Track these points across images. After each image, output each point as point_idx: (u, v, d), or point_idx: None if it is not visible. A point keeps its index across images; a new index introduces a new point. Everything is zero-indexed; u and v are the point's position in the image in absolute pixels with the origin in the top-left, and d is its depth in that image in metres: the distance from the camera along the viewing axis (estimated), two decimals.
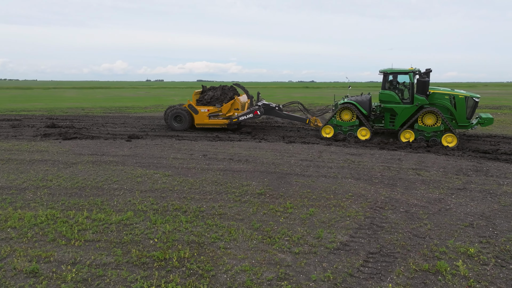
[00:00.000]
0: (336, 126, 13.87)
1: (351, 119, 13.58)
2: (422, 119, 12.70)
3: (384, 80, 13.20)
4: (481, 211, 6.39)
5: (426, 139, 12.69)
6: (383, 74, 13.17)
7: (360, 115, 13.31)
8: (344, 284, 4.27)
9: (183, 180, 8.24)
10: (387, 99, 13.08)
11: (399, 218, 6.11)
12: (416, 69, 13.03)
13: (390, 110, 13.17)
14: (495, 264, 4.64)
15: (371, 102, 13.85)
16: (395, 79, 13.26)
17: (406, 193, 7.35)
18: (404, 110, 12.89)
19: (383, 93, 13.13)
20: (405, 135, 12.95)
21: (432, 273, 4.45)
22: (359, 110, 13.44)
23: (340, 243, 5.23)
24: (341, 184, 7.92)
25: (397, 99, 12.94)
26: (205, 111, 15.18)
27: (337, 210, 6.43)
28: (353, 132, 13.61)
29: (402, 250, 5.03)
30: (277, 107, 15.38)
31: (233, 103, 15.06)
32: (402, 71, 12.98)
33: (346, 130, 13.70)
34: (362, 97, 13.87)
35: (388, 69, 13.13)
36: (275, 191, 7.48)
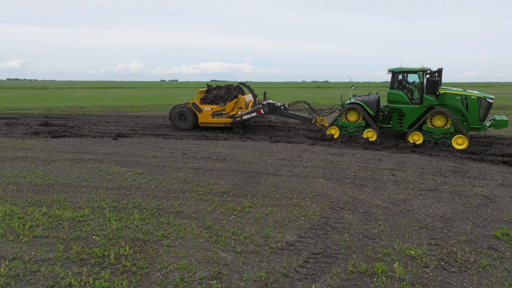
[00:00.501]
0: (342, 127, 13.50)
1: (357, 120, 13.21)
2: (431, 120, 12.22)
3: (393, 79, 12.77)
4: (443, 213, 6.22)
5: (435, 141, 12.21)
6: (391, 73, 12.74)
7: (367, 116, 12.89)
8: (275, 284, 4.20)
9: (153, 178, 8.26)
10: (395, 99, 12.63)
11: (355, 218, 6.00)
12: (426, 68, 12.54)
13: (398, 110, 12.75)
14: (436, 267, 4.51)
15: (379, 102, 13.42)
16: (405, 79, 12.83)
17: (372, 194, 7.22)
18: (412, 110, 12.44)
19: (391, 92, 12.69)
20: (413, 137, 12.48)
21: (368, 275, 4.35)
22: (366, 110, 13.04)
23: (286, 243, 5.15)
24: (309, 184, 7.82)
25: (405, 99, 12.49)
26: (208, 109, 14.99)
27: (295, 210, 6.35)
28: (359, 134, 13.23)
29: (346, 251, 4.93)
30: (282, 107, 15.16)
31: (236, 102, 14.85)
32: (410, 70, 12.51)
33: (352, 131, 13.32)
34: (370, 97, 13.45)
35: (396, 68, 12.67)
36: (240, 190, 7.43)
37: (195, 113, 15.21)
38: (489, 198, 7.00)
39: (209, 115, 15.01)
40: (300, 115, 15.23)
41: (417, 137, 12.41)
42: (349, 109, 13.25)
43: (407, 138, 12.51)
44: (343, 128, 13.49)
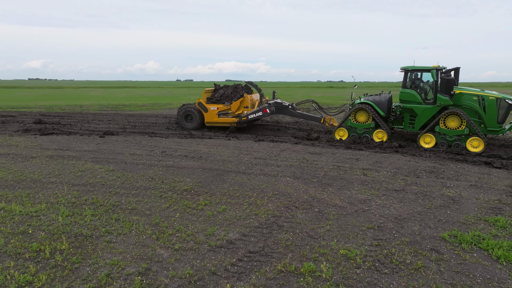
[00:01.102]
0: (351, 128, 12.94)
1: (367, 120, 12.68)
2: (444, 121, 11.55)
3: (405, 78, 12.14)
4: (399, 214, 6.09)
5: (449, 143, 11.51)
6: (404, 72, 12.15)
7: (377, 116, 12.33)
8: (199, 282, 4.17)
9: (122, 175, 8.32)
10: (408, 98, 12.04)
11: (306, 218, 5.92)
12: (441, 66, 11.88)
13: (410, 110, 12.15)
14: (369, 268, 4.41)
15: (390, 102, 12.85)
16: (418, 78, 12.29)
17: (335, 193, 7.11)
18: (425, 111, 11.82)
19: (403, 92, 12.10)
20: (425, 139, 11.84)
21: (296, 275, 4.28)
22: (376, 111, 12.46)
23: (226, 241, 5.12)
24: (274, 183, 7.75)
25: (418, 99, 11.87)
26: (214, 109, 14.80)
27: (249, 209, 6.30)
28: (368, 135, 12.68)
29: (284, 250, 4.87)
30: (290, 106, 14.80)
31: (242, 101, 14.57)
32: (424, 68, 11.90)
33: (361, 132, 12.78)
34: (381, 96, 12.86)
35: (409, 66, 12.05)
36: (202, 188, 7.42)
37: (202, 113, 15.03)
38: (454, 199, 6.81)
39: (215, 115, 14.81)
40: (309, 115, 14.83)
41: (429, 139, 11.80)
42: (358, 109, 12.71)
43: (418, 140, 11.94)
44: (352, 129, 12.94)
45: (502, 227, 5.56)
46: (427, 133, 11.79)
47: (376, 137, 12.58)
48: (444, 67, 12.09)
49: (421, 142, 11.88)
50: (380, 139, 12.44)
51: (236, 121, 14.62)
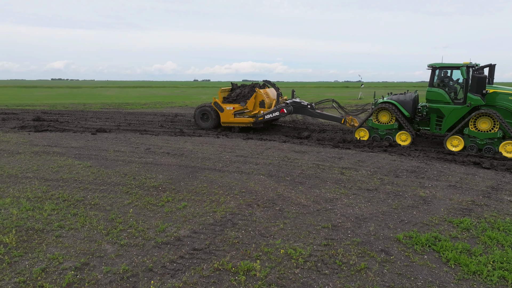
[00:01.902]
0: (372, 128, 12.27)
1: (390, 121, 11.90)
2: (474, 122, 10.65)
3: (432, 75, 11.30)
4: (361, 213, 5.89)
5: (479, 147, 10.63)
6: (431, 69, 11.31)
7: (401, 116, 11.53)
8: (132, 278, 4.10)
9: (97, 171, 8.35)
10: (435, 98, 11.21)
11: (264, 216, 5.79)
12: (473, 63, 10.99)
13: (437, 111, 11.32)
14: (309, 268, 4.26)
15: (416, 101, 12.03)
16: (447, 75, 11.48)
17: (303, 192, 6.95)
18: (453, 111, 10.96)
19: (430, 91, 11.29)
20: (452, 141, 11.02)
21: (231, 273, 4.17)
22: (400, 111, 11.68)
23: (174, 238, 5.04)
24: (245, 181, 7.64)
25: (446, 98, 11.03)
26: (230, 109, 14.30)
27: (209, 206, 6.21)
28: (391, 136, 11.98)
29: (229, 248, 4.76)
30: (309, 106, 14.25)
31: (256, 97, 14.01)
32: (453, 65, 11.05)
33: (383, 133, 12.09)
34: (406, 95, 12.02)
35: (437, 63, 11.25)
36: (172, 185, 7.36)
37: (218, 113, 14.63)
38: (426, 199, 6.57)
39: (231, 115, 14.33)
40: (329, 115, 14.21)
41: (457, 141, 10.95)
42: (380, 108, 11.95)
43: (445, 142, 11.13)
44: (374, 130, 12.26)
45: (465, 228, 5.31)
46: (455, 135, 10.97)
47: (400, 139, 11.82)
48: (477, 64, 11.20)
49: (448, 145, 11.08)
50: (404, 141, 11.70)
51: (252, 121, 14.10)
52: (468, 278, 4.05)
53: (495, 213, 5.93)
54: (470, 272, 4.13)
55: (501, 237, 4.96)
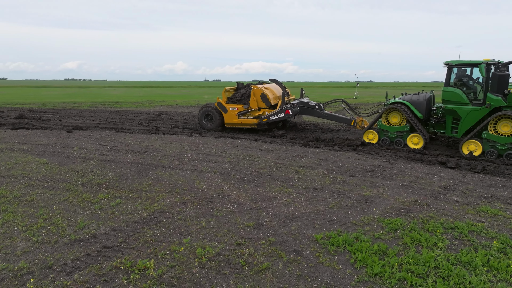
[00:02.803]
0: (382, 131, 11.41)
1: (400, 123, 11.04)
2: (494, 125, 9.62)
3: (448, 74, 10.29)
4: (294, 213, 5.74)
5: (500, 152, 9.54)
6: (447, 67, 10.34)
7: (413, 118, 10.65)
8: (26, 275, 4.02)
9: (51, 168, 8.31)
10: (451, 98, 10.18)
11: (192, 214, 5.67)
12: (494, 60, 9.98)
13: (452, 112, 10.29)
14: (211, 268, 4.13)
15: (430, 102, 11.17)
16: (466, 74, 10.49)
17: (247, 190, 6.81)
18: (470, 113, 9.94)
19: (446, 90, 10.25)
20: (469, 146, 9.97)
21: (127, 271, 4.06)
22: (412, 112, 10.79)
23: (90, 235, 4.95)
24: (193, 179, 7.53)
25: (464, 99, 9.98)
26: (234, 109, 13.62)
27: (143, 203, 6.12)
28: (402, 139, 11.04)
29: (140, 246, 4.65)
30: (317, 106, 13.36)
31: (254, 93, 13.32)
32: (471, 63, 10.06)
33: (393, 136, 11.17)
34: (419, 96, 11.11)
35: (454, 61, 10.27)
36: (118, 182, 7.28)
37: (221, 113, 13.91)
38: (368, 199, 6.38)
39: (234, 116, 13.66)
40: (338, 116, 13.22)
41: (474, 146, 9.87)
42: (391, 109, 11.11)
43: (461, 147, 10.08)
44: (383, 132, 11.39)
45: (393, 229, 5.13)
46: (472, 139, 9.91)
47: (411, 143, 10.89)
48: (499, 61, 10.20)
49: (464, 150, 10.05)
50: (416, 145, 10.79)
51: (256, 122, 13.42)
52: (367, 280, 3.88)
53: (432, 214, 5.72)
54: (372, 274, 3.96)
55: (423, 238, 4.77)
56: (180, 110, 21.86)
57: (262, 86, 13.82)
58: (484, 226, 5.23)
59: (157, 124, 15.73)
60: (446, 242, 4.74)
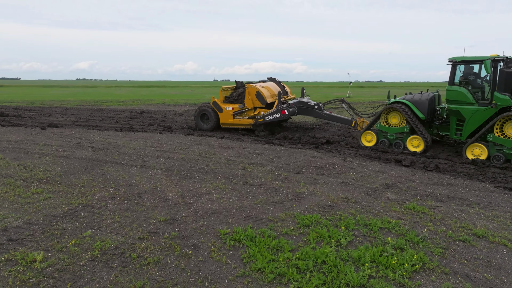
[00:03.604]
0: (381, 132, 10.76)
1: (400, 124, 10.38)
2: (501, 127, 8.80)
3: (452, 72, 9.53)
4: (216, 208, 5.73)
5: (507, 157, 8.71)
6: (451, 64, 9.58)
7: (413, 119, 9.95)
8: None
9: (3, 163, 8.40)
10: (455, 97, 9.41)
11: (113, 209, 5.69)
12: (502, 56, 9.14)
13: (456, 113, 9.54)
14: (101, 261, 4.14)
15: (433, 102, 10.49)
16: (472, 71, 9.68)
17: (183, 186, 6.82)
18: (475, 113, 9.16)
19: (450, 89, 9.49)
20: (473, 150, 9.17)
21: (16, 264, 4.09)
22: (413, 112, 10.09)
23: (1, 228, 4.99)
24: (136, 174, 7.56)
25: (468, 98, 9.19)
26: (229, 109, 13.15)
27: (71, 198, 6.15)
28: (401, 141, 10.36)
29: (44, 239, 4.68)
30: (316, 106, 12.74)
31: (249, 92, 12.87)
32: (476, 59, 9.23)
33: (392, 138, 10.51)
34: (422, 95, 10.43)
35: (458, 57, 9.49)
36: (60, 177, 7.34)
37: (217, 113, 13.43)
38: (299, 195, 6.35)
39: (230, 115, 13.18)
40: (338, 117, 12.61)
41: (479, 150, 9.08)
42: (390, 109, 10.46)
43: (465, 151, 9.29)
44: (382, 134, 10.73)
45: (305, 225, 5.10)
46: (476, 142, 9.15)
47: (411, 145, 10.19)
48: (507, 56, 9.28)
49: (468, 154, 9.25)
50: (416, 148, 10.09)
51: (252, 123, 12.93)
52: (248, 274, 3.86)
53: (355, 210, 5.67)
54: (255, 269, 3.94)
55: (327, 234, 4.73)
56: (164, 109, 21.95)
57: (257, 84, 13.41)
58: (398, 223, 5.17)
59: (134, 122, 15.82)
60: (350, 238, 4.69)
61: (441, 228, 5.06)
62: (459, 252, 4.43)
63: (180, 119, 16.99)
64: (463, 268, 4.05)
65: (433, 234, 4.89)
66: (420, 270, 3.98)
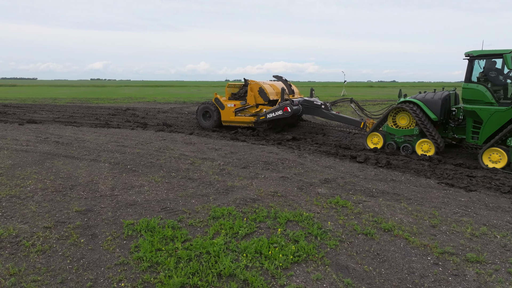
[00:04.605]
0: (388, 134, 9.85)
1: (409, 125, 9.46)
2: None
3: (469, 68, 8.51)
4: (138, 200, 5.79)
5: None
6: (468, 59, 8.55)
7: (423, 120, 9.02)
8: None
9: None
10: (471, 97, 8.43)
11: (37, 199, 5.78)
12: None
13: (472, 114, 8.55)
14: None
15: (448, 102, 9.46)
16: (494, 67, 8.58)
17: (120, 179, 6.88)
18: (494, 115, 8.14)
19: (466, 88, 8.51)
20: (491, 155, 8.14)
21: None
22: (424, 112, 9.15)
23: None
24: (82, 168, 7.66)
25: (487, 97, 8.20)
26: (231, 106, 12.66)
27: (4, 190, 6.26)
28: (410, 145, 9.46)
29: None
30: (323, 106, 12.02)
31: (251, 88, 12.39)
32: (495, 53, 8.20)
33: (400, 140, 9.62)
34: (435, 94, 9.42)
35: (475, 51, 8.44)
36: (7, 170, 7.44)
37: (219, 110, 13.02)
38: (229, 189, 6.36)
39: (231, 113, 12.69)
40: (346, 117, 11.78)
41: (498, 155, 8.02)
42: (398, 109, 9.60)
43: (480, 157, 8.27)
44: (390, 136, 9.84)
45: (214, 217, 5.11)
46: (494, 147, 8.09)
47: (420, 149, 9.26)
48: None
49: (485, 160, 8.22)
50: (426, 153, 9.11)
51: (253, 120, 12.43)
52: (126, 263, 3.90)
53: (275, 204, 5.66)
54: (136, 258, 3.97)
55: (229, 226, 4.73)
56: (151, 107, 22.16)
57: (262, 81, 12.99)
58: (311, 216, 5.14)
59: (113, 119, 15.99)
60: (251, 230, 4.69)
61: (351, 222, 5.01)
62: (355, 245, 4.39)
63: (161, 116, 17.12)
64: (347, 260, 4.01)
65: (339, 227, 4.86)
66: (302, 262, 3.95)
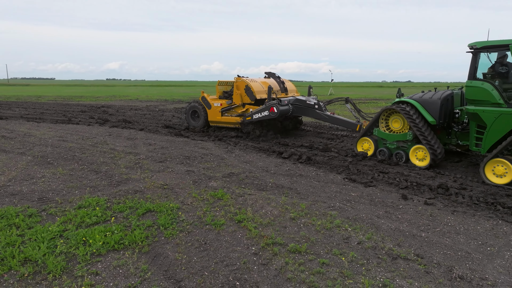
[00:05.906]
0: (380, 139, 8.76)
1: (402, 129, 8.39)
2: None
3: (473, 62, 7.09)
4: (23, 190, 5.97)
5: None
6: (471, 52, 7.10)
7: (418, 123, 7.85)
8: None
9: None
10: (475, 96, 7.03)
11: None
12: None
13: (474, 116, 7.15)
14: None
15: (450, 102, 8.12)
16: (505, 62, 6.99)
17: (37, 170, 7.10)
18: (499, 118, 6.75)
19: (469, 85, 7.10)
20: (495, 168, 6.79)
21: None
22: (421, 115, 8.02)
23: None
24: (3, 161, 7.89)
25: (494, 97, 6.76)
26: (218, 105, 11.82)
27: None
28: (403, 151, 8.32)
29: None
30: (316, 106, 10.90)
31: (237, 86, 11.49)
32: (502, 43, 6.70)
33: (393, 147, 8.51)
34: (434, 93, 8.20)
35: (479, 42, 6.95)
36: None
37: (206, 110, 12.19)
38: (124, 181, 6.52)
39: (217, 113, 11.84)
40: (341, 119, 10.56)
41: (503, 168, 6.68)
42: (391, 111, 8.55)
43: (482, 169, 6.94)
44: (381, 141, 8.75)
45: (81, 207, 5.24)
46: (499, 157, 6.76)
47: (415, 157, 8.13)
48: None
49: (488, 174, 6.89)
50: (421, 161, 7.98)
51: (240, 121, 11.47)
52: None
53: (152, 196, 5.76)
54: None
55: (85, 213, 4.86)
56: (128, 104, 22.50)
57: (249, 78, 11.98)
58: (175, 207, 5.26)
59: (79, 115, 16.32)
60: (103, 219, 4.79)
61: (211, 213, 5.07)
62: (189, 233, 4.49)
63: (130, 114, 17.39)
64: (170, 249, 4.09)
65: (192, 218, 4.94)
66: (121, 249, 4.05)
